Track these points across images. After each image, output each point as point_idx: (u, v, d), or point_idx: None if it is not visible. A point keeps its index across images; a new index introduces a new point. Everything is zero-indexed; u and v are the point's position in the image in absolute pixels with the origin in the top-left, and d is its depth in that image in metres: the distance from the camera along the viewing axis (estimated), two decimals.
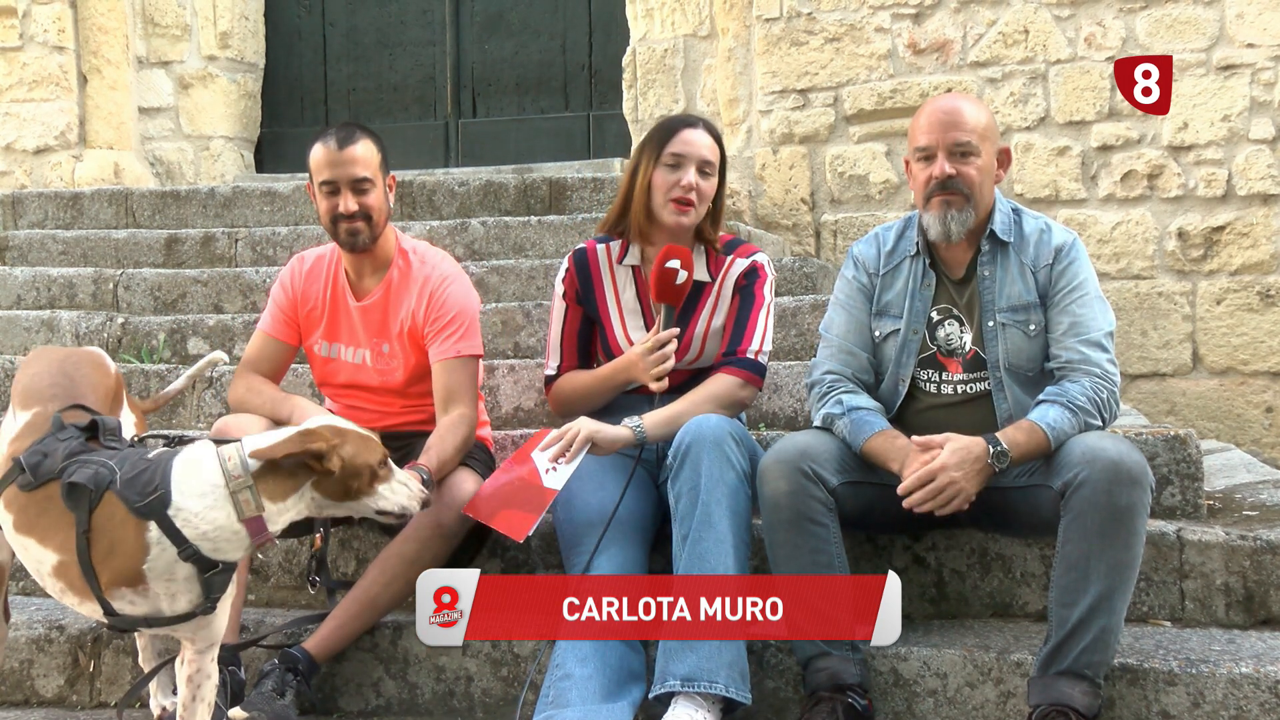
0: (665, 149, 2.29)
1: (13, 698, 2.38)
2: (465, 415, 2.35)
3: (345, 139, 2.36)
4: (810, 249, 4.43)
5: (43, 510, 1.80)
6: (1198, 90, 4.10)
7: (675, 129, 2.32)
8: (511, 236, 3.86)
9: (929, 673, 2.09)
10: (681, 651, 1.98)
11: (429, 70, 5.37)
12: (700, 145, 2.30)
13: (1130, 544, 1.90)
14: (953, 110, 2.12)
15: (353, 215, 2.35)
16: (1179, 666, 2.00)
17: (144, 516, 1.72)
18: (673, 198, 2.28)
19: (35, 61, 5.08)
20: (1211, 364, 4.12)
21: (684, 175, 2.28)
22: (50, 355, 2.14)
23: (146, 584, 1.74)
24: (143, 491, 1.74)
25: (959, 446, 1.98)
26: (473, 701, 2.24)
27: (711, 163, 2.31)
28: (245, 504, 1.74)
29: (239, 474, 1.75)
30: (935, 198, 2.11)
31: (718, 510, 2.03)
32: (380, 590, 2.21)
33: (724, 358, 2.34)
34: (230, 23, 5.30)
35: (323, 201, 2.38)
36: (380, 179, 2.39)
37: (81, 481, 1.76)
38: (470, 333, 2.40)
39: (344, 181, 2.34)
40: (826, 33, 4.40)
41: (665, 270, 2.20)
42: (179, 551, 1.72)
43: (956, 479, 1.95)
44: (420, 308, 2.39)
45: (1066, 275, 2.12)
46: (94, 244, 4.19)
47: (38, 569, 1.83)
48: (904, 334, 2.17)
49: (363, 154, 2.36)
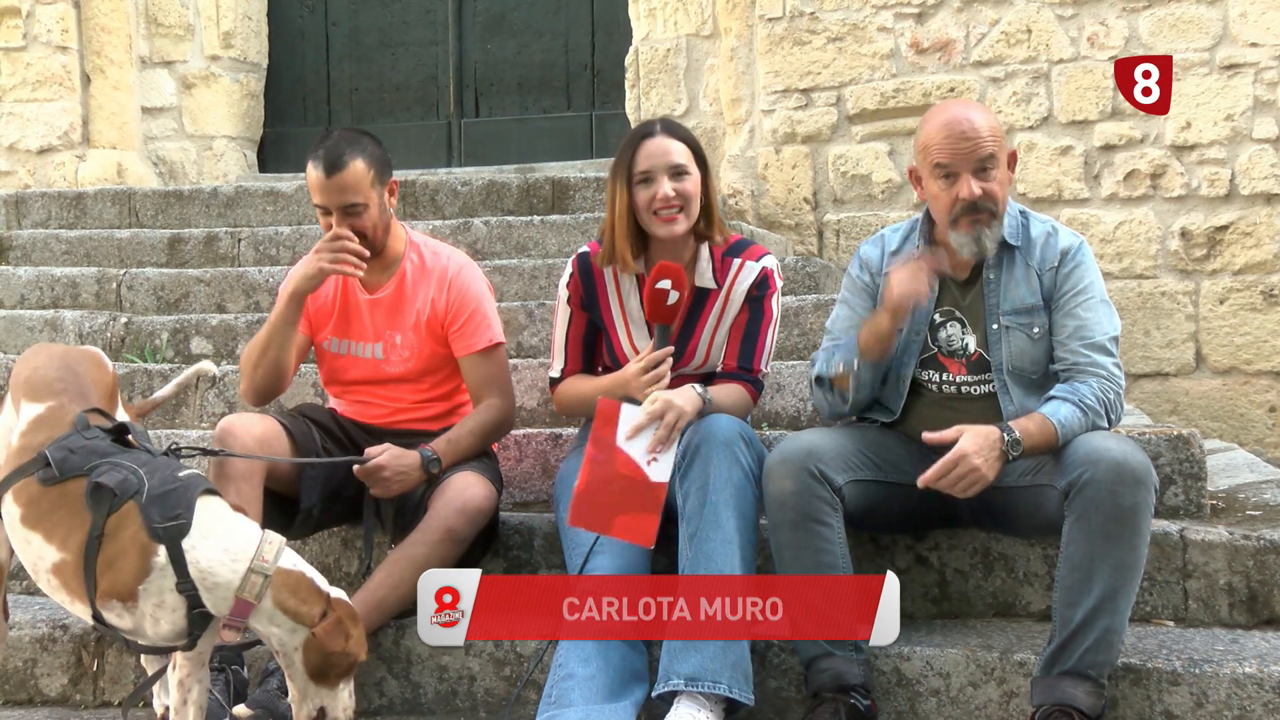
0: (633, 169, 2.25)
1: (17, 696, 2.39)
2: (493, 404, 2.40)
3: (333, 165, 2.30)
4: (813, 249, 4.43)
5: (55, 506, 1.80)
6: (1201, 90, 4.10)
7: (635, 145, 2.26)
8: (514, 236, 3.86)
9: (932, 673, 2.09)
10: (686, 651, 1.98)
11: (431, 70, 5.37)
12: (664, 152, 2.24)
13: (1134, 544, 1.90)
14: (969, 125, 2.06)
15: None
16: (1182, 666, 2.00)
17: (158, 539, 1.73)
18: (655, 211, 2.24)
19: (39, 61, 5.09)
20: (1215, 364, 4.12)
21: (658, 188, 2.23)
22: (51, 350, 2.14)
23: (137, 602, 1.74)
24: (165, 514, 1.74)
25: (976, 433, 1.98)
26: (475, 701, 2.24)
27: (681, 164, 2.25)
28: (251, 587, 1.76)
29: (268, 566, 1.76)
30: (964, 218, 2.08)
31: (725, 510, 2.03)
32: (387, 593, 2.21)
33: (737, 370, 2.33)
34: (233, 23, 5.30)
35: (320, 218, 2.38)
36: (375, 195, 2.35)
37: (109, 485, 1.76)
38: (490, 321, 2.43)
39: (334, 207, 2.32)
40: (829, 32, 4.40)
41: (656, 291, 2.17)
42: (178, 583, 1.73)
43: (978, 465, 1.95)
44: (441, 297, 2.41)
45: (1073, 278, 2.12)
46: (97, 244, 4.20)
47: (35, 564, 1.83)
48: (906, 334, 2.17)
49: (351, 179, 2.30)
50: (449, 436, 2.34)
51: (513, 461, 2.73)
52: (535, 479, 2.74)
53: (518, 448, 2.74)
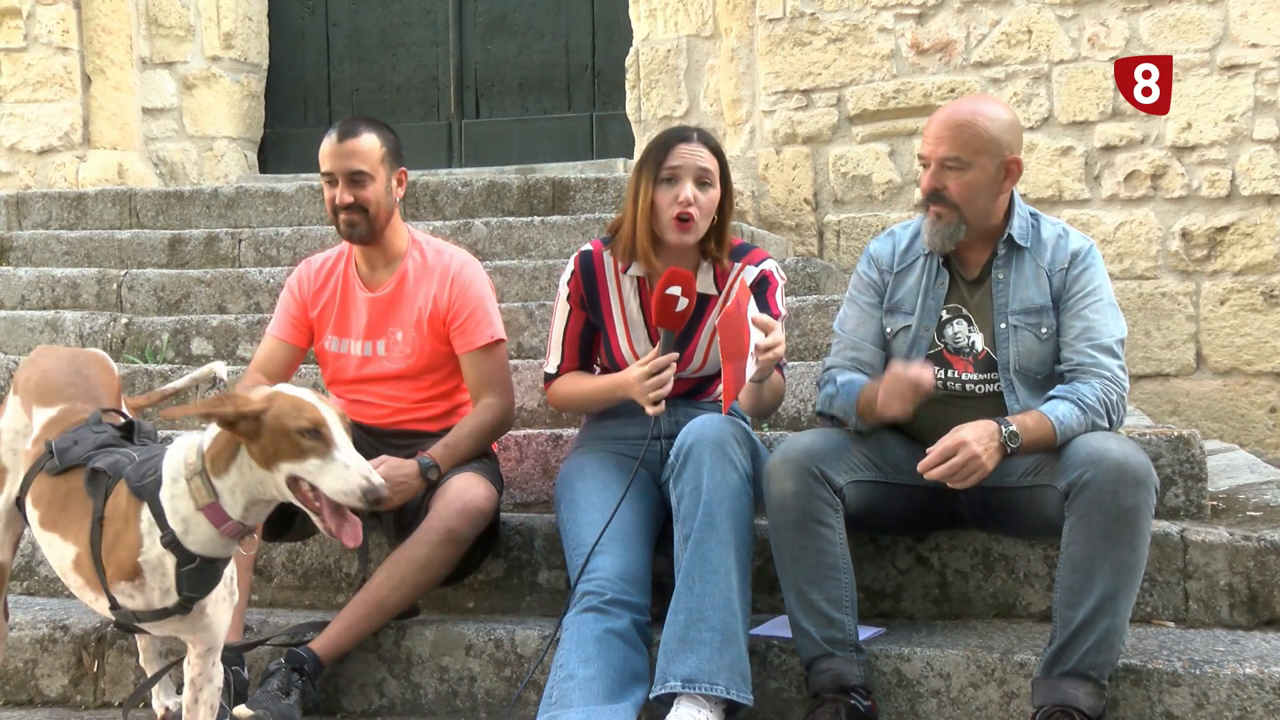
0: (662, 165, 2.26)
1: (17, 697, 2.39)
2: (492, 403, 2.40)
3: (347, 132, 2.39)
4: (813, 249, 4.43)
5: (65, 505, 1.82)
6: (1201, 90, 4.10)
7: (670, 144, 2.27)
8: (514, 237, 3.86)
9: (932, 673, 2.09)
10: (682, 653, 1.98)
11: (432, 71, 5.38)
12: (696, 156, 2.25)
13: (1135, 545, 1.91)
14: (953, 123, 2.10)
15: (349, 207, 2.38)
16: (1183, 667, 2.00)
17: (139, 497, 1.74)
18: (673, 215, 2.24)
19: (40, 62, 5.10)
20: (1215, 364, 4.12)
21: (681, 190, 2.23)
22: (58, 353, 2.15)
23: (143, 577, 1.74)
24: (142, 475, 1.75)
25: (974, 425, 1.99)
26: (475, 702, 2.24)
27: (709, 171, 2.26)
28: (197, 491, 1.71)
29: (191, 460, 1.72)
30: (929, 207, 2.14)
31: (720, 511, 2.03)
32: (388, 593, 2.22)
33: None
34: (234, 23, 5.31)
35: (326, 190, 2.43)
36: (383, 172, 2.40)
37: (102, 468, 1.77)
38: (491, 318, 2.44)
39: (341, 174, 2.38)
40: (829, 33, 4.40)
41: (666, 297, 2.16)
42: (161, 537, 1.72)
43: (978, 453, 1.95)
44: (444, 294, 2.43)
45: (1081, 280, 2.13)
46: (98, 244, 4.20)
47: (60, 565, 1.85)
48: (915, 331, 2.18)
49: (364, 147, 2.38)
50: (446, 442, 2.33)
51: (513, 462, 2.74)
52: (536, 480, 2.74)
53: (518, 448, 2.75)
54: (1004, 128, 2.11)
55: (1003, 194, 2.14)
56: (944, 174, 2.09)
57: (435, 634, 2.27)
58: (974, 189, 2.09)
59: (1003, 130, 2.10)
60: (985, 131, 2.09)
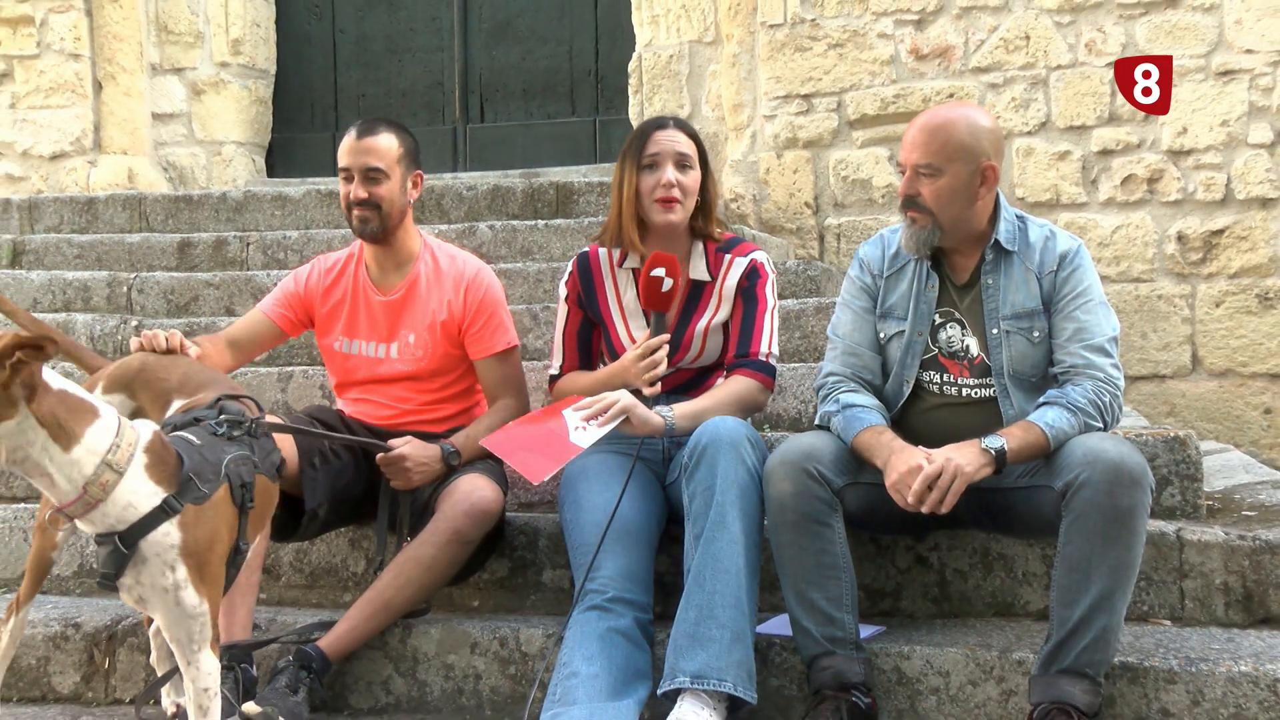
0: (643, 153, 2.34)
1: (30, 694, 2.41)
2: (509, 403, 2.46)
3: (367, 130, 2.44)
4: (814, 252, 4.45)
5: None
6: (1197, 95, 4.12)
7: (648, 133, 2.37)
8: (519, 240, 3.89)
9: (932, 671, 2.11)
10: (692, 649, 1.99)
11: (437, 76, 5.41)
12: (674, 141, 2.34)
13: (1131, 545, 1.91)
14: (927, 130, 2.11)
15: (362, 203, 2.42)
16: (1179, 665, 2.01)
17: None
18: (656, 198, 2.33)
19: (52, 69, 5.14)
20: (1211, 366, 4.14)
21: (662, 174, 2.32)
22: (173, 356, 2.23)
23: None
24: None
25: (956, 446, 2.00)
26: (481, 699, 2.26)
27: (687, 154, 2.35)
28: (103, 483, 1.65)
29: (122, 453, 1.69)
30: (906, 212, 2.16)
31: (732, 511, 2.05)
32: (395, 593, 2.24)
33: (736, 359, 2.36)
34: (242, 30, 5.34)
35: (341, 187, 2.47)
36: (398, 172, 2.45)
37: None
38: (506, 325, 2.49)
39: (357, 169, 2.43)
40: (830, 39, 4.44)
41: (651, 279, 2.24)
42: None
43: (953, 457, 1.96)
44: (458, 300, 2.46)
45: (1071, 282, 2.13)
46: (108, 248, 4.23)
47: None
48: (909, 335, 2.19)
49: (381, 145, 2.43)
50: (468, 433, 2.40)
51: None
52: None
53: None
54: (979, 134, 2.10)
55: (980, 200, 2.13)
56: (918, 180, 2.11)
57: (441, 632, 2.29)
58: (947, 195, 2.10)
59: (978, 137, 2.09)
60: (958, 138, 2.09)
